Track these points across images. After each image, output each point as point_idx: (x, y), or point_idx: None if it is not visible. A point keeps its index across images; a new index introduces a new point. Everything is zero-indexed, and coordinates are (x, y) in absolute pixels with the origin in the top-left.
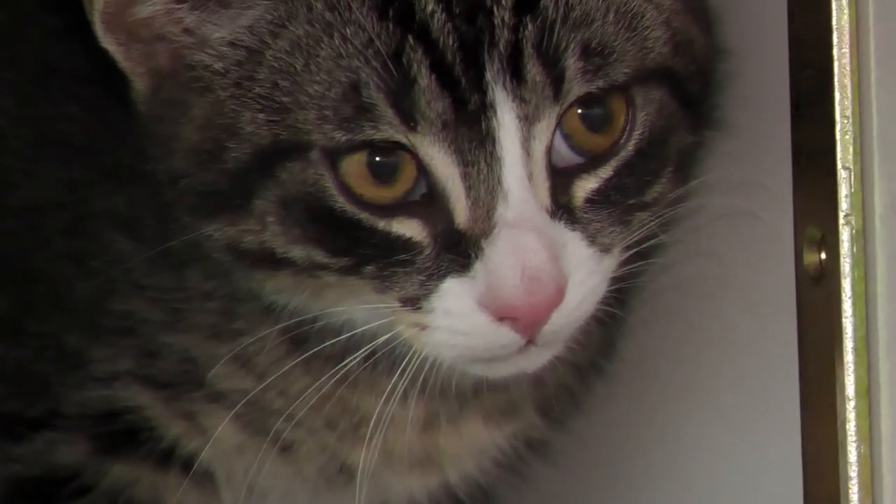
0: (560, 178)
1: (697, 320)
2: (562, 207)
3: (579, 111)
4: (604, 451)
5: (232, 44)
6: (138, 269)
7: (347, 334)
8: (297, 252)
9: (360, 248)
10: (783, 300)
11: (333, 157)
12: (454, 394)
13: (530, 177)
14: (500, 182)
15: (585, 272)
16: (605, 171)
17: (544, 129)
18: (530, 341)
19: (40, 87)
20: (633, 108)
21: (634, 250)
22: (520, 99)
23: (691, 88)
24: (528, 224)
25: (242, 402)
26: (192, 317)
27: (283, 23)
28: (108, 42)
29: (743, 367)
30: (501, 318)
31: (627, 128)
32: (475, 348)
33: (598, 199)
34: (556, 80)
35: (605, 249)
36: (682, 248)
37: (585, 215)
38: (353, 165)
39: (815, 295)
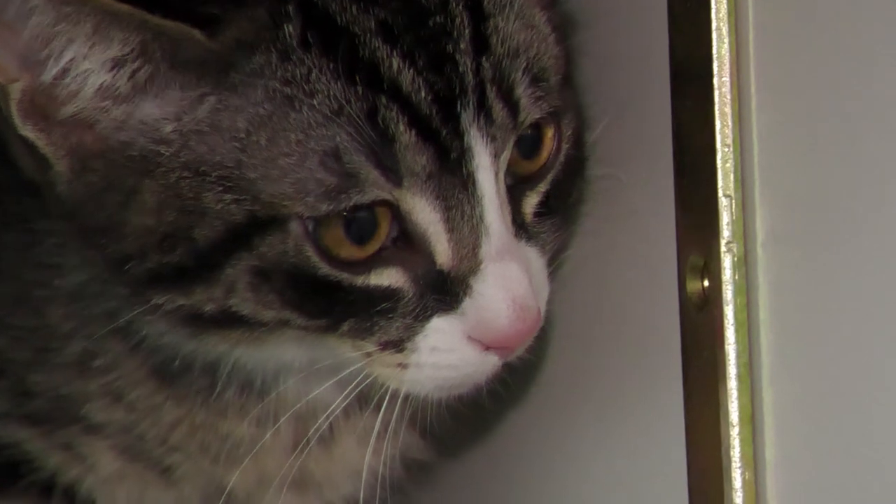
0: (512, 199)
1: (583, 348)
2: (520, 227)
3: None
4: (489, 474)
5: (180, 131)
6: (1, 308)
7: (273, 372)
8: (269, 315)
9: (339, 307)
10: (667, 327)
11: (312, 223)
12: (325, 417)
13: (501, 207)
14: (482, 219)
15: (544, 283)
16: (545, 186)
17: (505, 159)
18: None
19: None
20: (559, 124)
21: None
22: (491, 138)
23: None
24: (508, 254)
25: (117, 433)
26: (57, 356)
27: (237, 108)
28: (27, 130)
29: (628, 394)
30: (489, 348)
31: (556, 143)
32: (455, 378)
33: (542, 211)
34: (514, 113)
35: (548, 257)
36: (567, 276)
37: (535, 229)
38: (332, 230)
39: (699, 322)
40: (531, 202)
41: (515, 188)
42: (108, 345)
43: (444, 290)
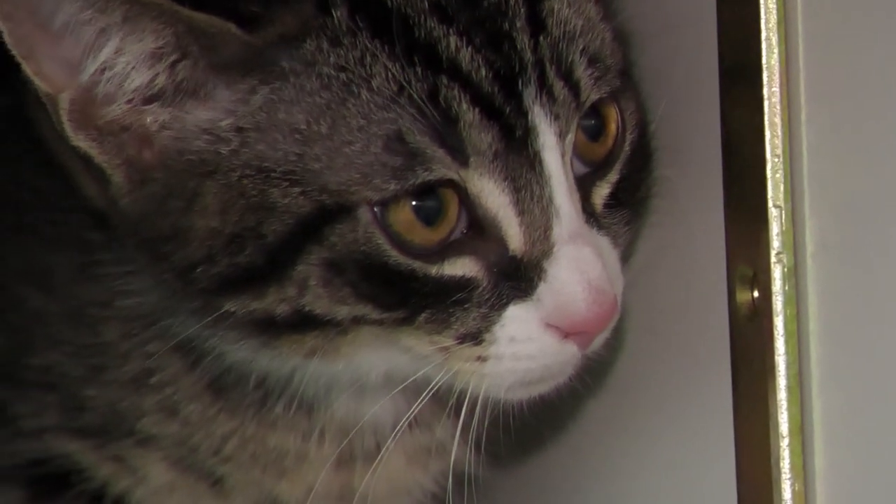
0: (582, 188)
1: (632, 357)
2: (591, 216)
3: (580, 123)
4: (537, 486)
5: (238, 128)
6: (54, 324)
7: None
8: (343, 312)
9: (415, 298)
10: (717, 338)
11: (381, 209)
12: (372, 433)
13: (571, 191)
14: (552, 201)
15: (618, 273)
16: (614, 176)
17: (571, 142)
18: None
19: None
20: (622, 111)
21: None
22: (555, 116)
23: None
24: (581, 238)
25: (170, 445)
26: (112, 373)
27: (294, 98)
28: (79, 140)
29: (677, 405)
30: (568, 335)
31: (620, 130)
32: (535, 371)
33: (612, 203)
34: (575, 92)
35: (621, 250)
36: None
37: (606, 220)
38: (401, 213)
39: (749, 333)
40: (601, 192)
41: (585, 178)
42: (168, 362)
43: (519, 277)
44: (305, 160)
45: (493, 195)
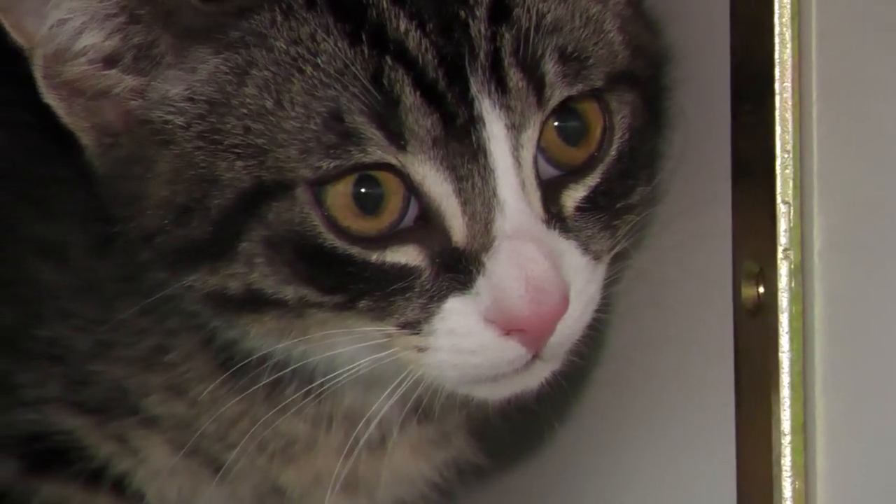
0: (549, 188)
1: (634, 351)
2: (554, 217)
3: (556, 123)
4: (535, 477)
5: (191, 99)
6: (65, 296)
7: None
8: (289, 292)
9: (354, 283)
10: (721, 334)
11: (319, 190)
12: (377, 424)
13: (523, 186)
14: (495, 194)
15: (583, 280)
16: (593, 179)
17: (530, 138)
18: (535, 356)
19: None
20: (610, 114)
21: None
22: (506, 108)
23: (650, 90)
24: (527, 234)
25: (174, 427)
26: (123, 349)
27: (243, 70)
28: (50, 97)
29: (679, 400)
30: (509, 332)
31: (606, 135)
32: (481, 366)
33: (588, 207)
34: (538, 86)
35: (597, 257)
36: (621, 279)
37: (577, 223)
38: (339, 197)
39: (753, 329)
40: (574, 195)
41: (557, 179)
42: (185, 338)
43: (460, 269)
44: (250, 135)
45: (435, 183)
